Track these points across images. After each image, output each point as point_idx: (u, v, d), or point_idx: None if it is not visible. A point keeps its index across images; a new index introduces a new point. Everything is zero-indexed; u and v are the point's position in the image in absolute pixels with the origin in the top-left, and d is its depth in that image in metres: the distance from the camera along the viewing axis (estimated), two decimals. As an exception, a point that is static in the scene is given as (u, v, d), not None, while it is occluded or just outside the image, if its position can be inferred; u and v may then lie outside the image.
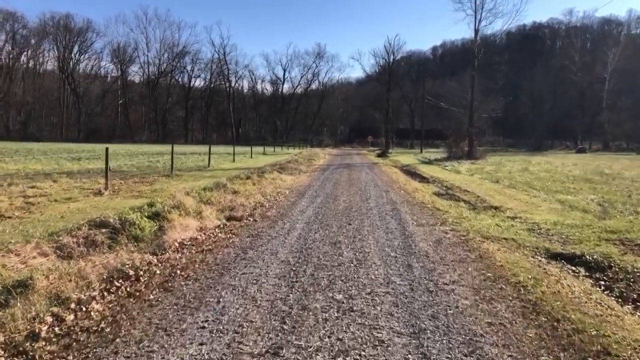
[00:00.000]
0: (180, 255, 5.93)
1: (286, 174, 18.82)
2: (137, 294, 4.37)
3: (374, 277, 4.92)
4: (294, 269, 5.23)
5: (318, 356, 3.16)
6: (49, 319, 3.68)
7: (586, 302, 4.52)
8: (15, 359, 3.15)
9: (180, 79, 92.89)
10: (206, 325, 3.67)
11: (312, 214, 9.09)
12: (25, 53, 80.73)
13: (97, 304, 4.00)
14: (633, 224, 8.72)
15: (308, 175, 19.43)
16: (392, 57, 56.10)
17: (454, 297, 4.37)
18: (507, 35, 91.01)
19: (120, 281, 4.67)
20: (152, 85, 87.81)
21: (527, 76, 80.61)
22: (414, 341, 3.44)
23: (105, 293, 4.33)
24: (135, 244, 6.33)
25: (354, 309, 4.04)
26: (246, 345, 3.31)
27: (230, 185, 13.20)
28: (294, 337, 3.44)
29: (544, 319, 3.99)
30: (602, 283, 5.41)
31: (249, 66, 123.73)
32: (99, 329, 3.60)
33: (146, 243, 6.45)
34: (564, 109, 75.13)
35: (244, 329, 3.58)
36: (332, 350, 3.25)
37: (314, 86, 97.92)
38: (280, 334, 3.50)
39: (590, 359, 3.32)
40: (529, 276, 5.20)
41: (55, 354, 3.22)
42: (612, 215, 10.32)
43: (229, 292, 4.41)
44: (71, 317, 3.80)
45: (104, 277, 4.72)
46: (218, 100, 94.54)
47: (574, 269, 6.12)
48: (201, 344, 3.34)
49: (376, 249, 6.19)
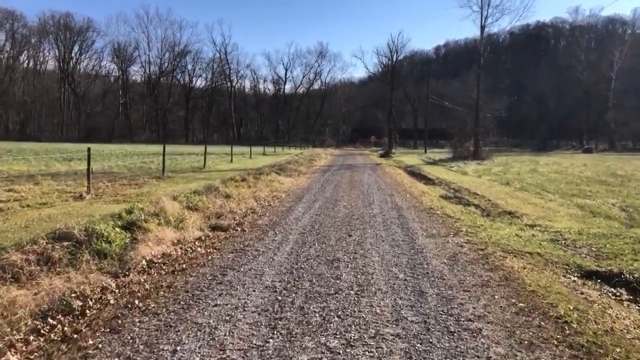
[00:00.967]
0: (145, 277, 4.96)
1: (284, 176, 17.87)
2: (75, 337, 3.39)
3: (379, 311, 3.94)
4: (280, 298, 4.25)
5: None
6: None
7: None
8: None
9: (182, 78, 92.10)
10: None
11: (309, 222, 8.12)
12: (25, 52, 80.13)
13: (13, 356, 3.02)
14: (671, 234, 7.72)
15: (308, 177, 18.46)
16: (395, 56, 55.10)
17: (483, 342, 3.38)
18: (511, 35, 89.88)
19: (60, 317, 3.70)
20: (153, 84, 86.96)
21: (531, 76, 79.45)
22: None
23: (32, 337, 3.35)
24: (98, 261, 5.38)
25: (354, 361, 3.07)
26: None
27: (223, 189, 12.25)
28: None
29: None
30: (654, 312, 4.45)
31: (250, 65, 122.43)
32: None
33: (111, 260, 5.50)
34: (568, 108, 73.96)
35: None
36: None
37: (316, 86, 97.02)
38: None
39: None
40: (570, 306, 4.21)
41: None
42: (639, 222, 9.34)
43: (191, 335, 3.43)
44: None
45: (41, 310, 3.77)
46: (219, 99, 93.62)
47: (613, 290, 5.17)
48: None
49: (381, 269, 5.20)
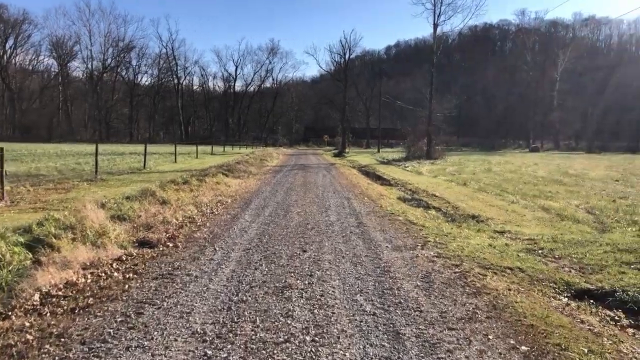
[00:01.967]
0: (32, 320, 3.66)
1: (232, 178, 16.55)
2: None
3: (345, 371, 2.89)
4: (209, 353, 3.10)
5: None
6: None
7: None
8: None
9: (127, 75, 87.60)
10: None
11: (256, 234, 6.96)
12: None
13: None
14: (644, 239, 7.22)
15: (258, 178, 17.24)
16: (348, 53, 54.53)
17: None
18: (460, 36, 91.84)
19: None
20: (96, 81, 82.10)
21: (480, 76, 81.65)
22: None
23: None
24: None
25: None
26: None
27: (160, 193, 10.82)
28: None
29: None
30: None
31: (199, 62, 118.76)
32: None
33: (-6, 294, 4.15)
34: (515, 108, 76.49)
35: None
36: None
37: (267, 84, 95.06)
38: None
39: None
40: (582, 347, 3.35)
41: None
42: (610, 226, 8.89)
43: None
44: None
45: None
46: (166, 97, 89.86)
47: (611, 314, 4.43)
48: None
49: (344, 299, 4.15)
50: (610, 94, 67.74)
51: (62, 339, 3.33)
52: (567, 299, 4.69)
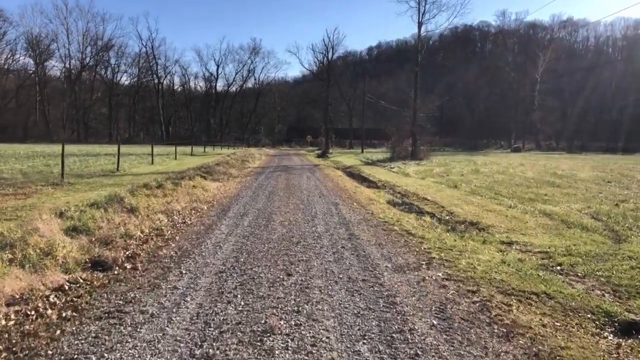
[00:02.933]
0: None
1: (211, 180, 15.45)
2: None
3: None
4: None
5: None
6: None
7: None
8: None
9: (106, 74, 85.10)
10: None
11: (232, 251, 5.94)
12: None
13: None
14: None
15: (239, 181, 16.16)
16: (331, 52, 53.54)
17: None
18: (440, 37, 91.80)
19: None
20: (74, 80, 79.43)
21: (461, 77, 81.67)
22: None
23: None
24: None
25: None
26: None
27: (129, 199, 9.70)
28: None
29: None
30: None
31: (179, 61, 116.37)
32: None
33: None
34: (497, 108, 76.76)
35: None
36: None
37: (250, 84, 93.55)
38: None
39: None
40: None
41: None
42: (624, 234, 8.11)
43: None
44: None
45: None
46: (146, 96, 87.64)
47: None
48: None
49: (343, 352, 3.16)
50: (588, 94, 68.47)
51: None
52: (613, 335, 3.81)
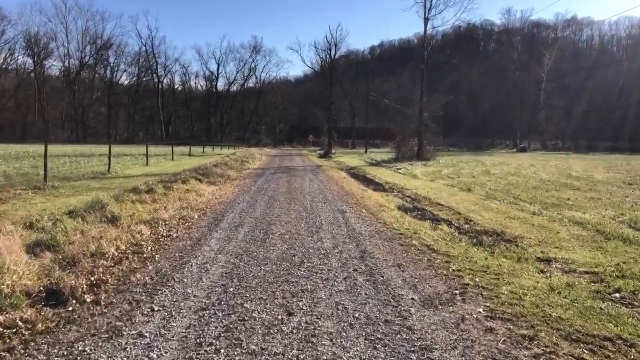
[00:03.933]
0: None
1: (207, 184, 14.42)
2: None
3: None
4: None
5: None
6: None
7: None
8: None
9: (107, 73, 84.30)
10: None
11: (221, 276, 4.88)
12: None
13: None
14: None
15: (237, 184, 15.13)
16: (334, 49, 52.34)
17: None
18: (443, 36, 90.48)
19: None
20: (73, 80, 78.58)
21: (464, 77, 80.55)
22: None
23: None
24: None
25: None
26: None
27: (112, 207, 8.68)
28: None
29: None
30: None
31: (179, 60, 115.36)
32: None
33: None
34: (501, 108, 75.63)
35: None
36: None
37: (251, 83, 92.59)
38: None
39: None
40: None
41: None
42: (676, 249, 7.05)
43: None
44: None
45: None
46: (146, 96, 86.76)
47: None
48: None
49: None
50: (593, 94, 67.40)
51: None
52: None
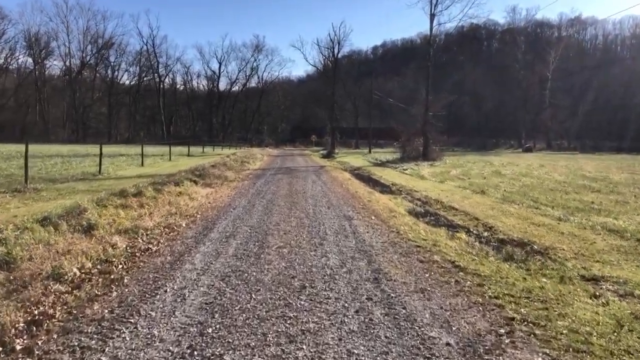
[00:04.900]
0: None
1: (202, 185, 13.45)
2: None
3: None
4: None
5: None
6: None
7: None
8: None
9: (109, 73, 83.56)
10: None
11: (199, 308, 3.86)
12: None
13: None
14: None
15: (234, 186, 14.14)
16: (337, 47, 51.24)
17: None
18: (446, 35, 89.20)
19: None
20: (74, 79, 77.82)
21: (468, 76, 79.47)
22: None
23: None
24: None
25: None
26: None
27: (90, 213, 7.72)
28: None
29: None
30: None
31: (181, 59, 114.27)
32: None
33: None
34: (505, 107, 74.60)
35: None
36: None
37: (253, 83, 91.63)
38: None
39: None
40: None
41: None
42: None
43: None
44: None
45: None
46: (147, 95, 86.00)
47: None
48: None
49: None
50: (597, 93, 66.37)
51: None
52: None
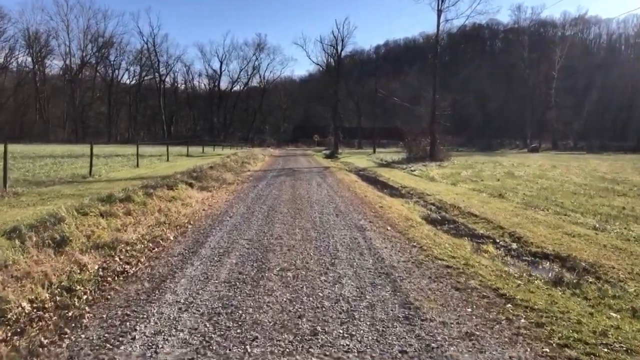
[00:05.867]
0: None
1: (198, 189, 12.44)
2: None
3: None
4: None
5: None
6: None
7: None
8: None
9: (109, 72, 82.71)
10: None
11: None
12: None
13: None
14: None
15: (232, 190, 13.14)
16: (341, 45, 50.07)
17: None
18: (449, 35, 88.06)
19: None
20: (74, 78, 77.03)
21: (471, 76, 78.42)
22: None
23: None
24: None
25: None
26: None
27: (67, 223, 6.71)
28: None
29: None
30: None
31: (181, 58, 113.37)
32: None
33: None
34: (510, 107, 73.57)
35: None
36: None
37: (254, 81, 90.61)
38: None
39: None
40: None
41: None
42: None
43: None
44: None
45: None
46: (148, 95, 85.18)
47: None
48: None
49: None
50: (602, 93, 65.31)
51: None
52: None
